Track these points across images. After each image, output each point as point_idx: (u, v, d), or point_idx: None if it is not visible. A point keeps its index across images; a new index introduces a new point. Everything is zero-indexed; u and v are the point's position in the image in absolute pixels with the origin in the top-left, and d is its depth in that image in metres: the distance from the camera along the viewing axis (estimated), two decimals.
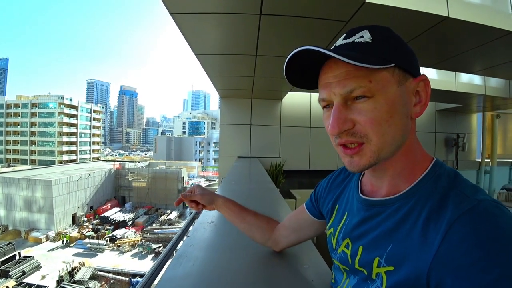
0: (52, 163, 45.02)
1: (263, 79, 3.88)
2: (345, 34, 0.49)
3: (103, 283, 18.01)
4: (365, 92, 0.43)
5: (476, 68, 3.36)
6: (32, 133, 48.33)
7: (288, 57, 0.47)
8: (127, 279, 18.00)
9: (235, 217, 0.86)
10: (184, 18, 2.05)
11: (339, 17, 1.97)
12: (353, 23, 2.00)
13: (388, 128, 0.44)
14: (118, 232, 23.82)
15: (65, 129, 48.36)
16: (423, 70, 4.32)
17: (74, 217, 26.70)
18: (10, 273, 17.37)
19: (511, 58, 2.85)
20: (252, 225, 0.84)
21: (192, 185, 0.93)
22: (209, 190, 0.89)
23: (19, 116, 48.90)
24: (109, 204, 30.16)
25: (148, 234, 24.00)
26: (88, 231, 24.65)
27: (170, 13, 1.92)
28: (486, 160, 7.19)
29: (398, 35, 0.49)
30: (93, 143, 55.61)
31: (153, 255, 20.97)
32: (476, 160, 7.14)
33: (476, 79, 4.69)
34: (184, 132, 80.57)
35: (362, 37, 0.46)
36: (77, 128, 50.88)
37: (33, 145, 48.35)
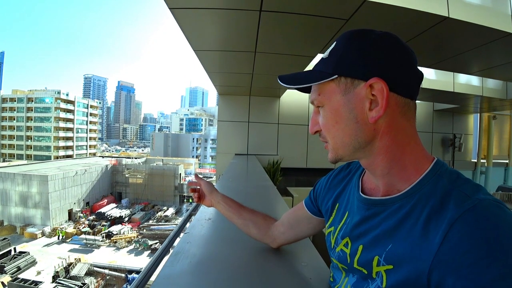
0: (48, 158, 44.73)
1: (261, 77, 3.87)
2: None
3: (99, 279, 17.97)
4: (318, 103, 0.52)
5: (474, 69, 3.37)
6: (28, 128, 47.94)
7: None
8: (123, 275, 17.98)
9: (232, 213, 0.87)
10: (183, 13, 2.04)
11: (339, 15, 1.97)
12: (353, 21, 2.00)
13: (336, 132, 0.51)
14: (115, 228, 23.77)
15: (62, 124, 48.01)
16: (421, 70, 4.34)
17: (70, 212, 26.59)
18: (5, 268, 17.27)
19: (509, 60, 2.86)
20: (248, 221, 0.85)
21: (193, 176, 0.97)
22: (213, 187, 0.93)
23: (15, 110, 48.41)
24: (106, 200, 30.06)
25: (144, 230, 23.98)
26: (84, 227, 24.56)
27: (170, 8, 1.91)
28: (482, 160, 7.26)
29: (362, 40, 0.48)
30: (90, 138, 55.33)
31: (150, 251, 20.96)
32: (472, 160, 7.20)
33: (474, 80, 4.72)
34: (181, 129, 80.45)
35: (328, 51, 0.52)
36: (73, 124, 50.54)
37: (29, 140, 47.98)
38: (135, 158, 44.61)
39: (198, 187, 0.94)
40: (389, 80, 0.46)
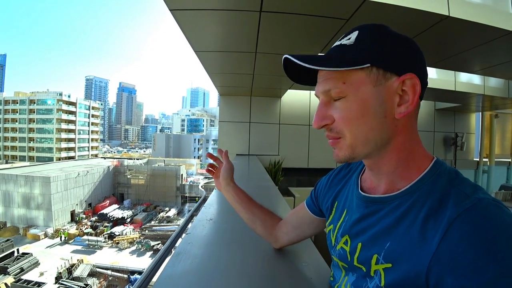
0: (50, 159, 44.94)
1: (262, 77, 3.87)
2: (343, 35, 0.51)
3: (102, 280, 18.02)
4: (339, 93, 0.47)
5: (475, 67, 3.36)
6: (30, 130, 48.16)
7: (282, 63, 0.51)
8: (125, 276, 18.02)
9: (241, 205, 0.85)
10: (183, 15, 2.04)
11: (339, 15, 1.97)
12: (354, 21, 1.99)
13: (359, 126, 0.47)
14: (117, 229, 23.83)
15: (64, 125, 48.22)
16: None
17: (72, 214, 26.68)
18: (8, 269, 17.35)
19: (511, 58, 2.85)
20: (256, 218, 0.83)
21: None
22: (231, 172, 0.89)
23: (17, 112, 48.69)
24: (108, 201, 30.14)
25: (146, 231, 24.02)
26: (87, 228, 24.64)
27: (170, 9, 1.91)
28: (484, 159, 7.22)
29: (390, 33, 0.48)
30: (92, 140, 55.53)
31: (152, 252, 20.99)
32: (474, 159, 7.16)
33: (476, 79, 4.70)
34: (183, 130, 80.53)
35: (349, 38, 0.48)
36: (75, 125, 50.75)
37: (31, 142, 48.20)
38: (137, 159, 44.73)
39: (215, 165, 0.92)
40: (421, 77, 0.47)
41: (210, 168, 0.92)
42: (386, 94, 0.46)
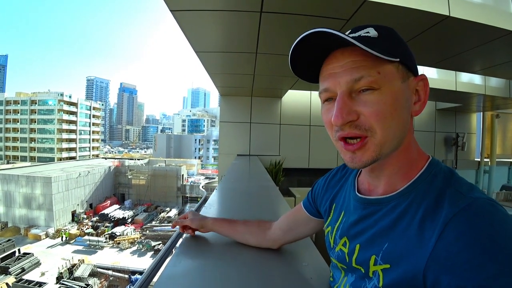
0: (51, 160, 45.03)
1: (263, 77, 3.87)
2: (349, 30, 0.49)
3: (103, 280, 18.04)
4: (372, 83, 0.43)
5: (476, 67, 3.36)
6: (32, 130, 48.27)
7: (297, 40, 0.47)
8: (126, 276, 18.04)
9: (227, 232, 0.91)
10: (184, 15, 2.05)
11: (339, 15, 1.97)
12: (354, 21, 1.99)
13: (392, 121, 0.44)
14: (118, 230, 23.85)
15: (65, 126, 48.32)
16: (424, 69, 4.32)
17: (73, 214, 26.73)
18: (9, 269, 17.40)
19: None
20: (244, 233, 0.88)
21: (187, 211, 1.02)
22: (200, 215, 0.96)
23: (18, 113, 48.81)
24: (109, 202, 30.17)
25: (147, 231, 24.04)
26: (88, 228, 24.67)
27: (171, 10, 1.92)
28: (485, 159, 7.20)
29: (400, 36, 0.49)
30: (93, 140, 55.60)
31: (152, 252, 21.01)
32: (475, 159, 7.15)
33: (476, 79, 4.69)
34: (183, 130, 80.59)
35: (368, 32, 0.46)
36: (76, 125, 50.84)
37: (33, 142, 48.31)
38: (138, 159, 44.80)
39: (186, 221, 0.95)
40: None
41: (187, 226, 0.96)
42: (409, 91, 0.47)
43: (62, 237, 23.02)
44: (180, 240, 0.96)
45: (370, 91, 0.44)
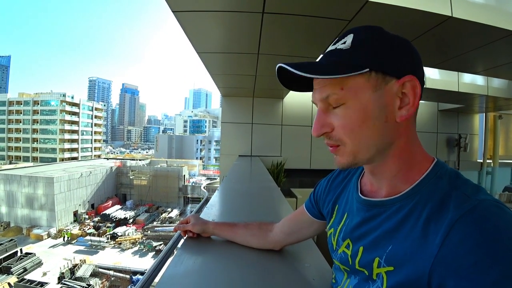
0: (53, 160, 45.23)
1: (265, 78, 3.87)
2: (336, 38, 0.50)
3: (104, 280, 18.08)
4: (338, 100, 0.46)
5: (479, 68, 3.34)
6: (34, 131, 48.50)
7: (276, 72, 0.50)
8: (127, 276, 18.06)
9: (229, 235, 0.91)
10: (186, 16, 2.05)
11: (341, 16, 1.97)
12: (356, 22, 1.99)
13: (360, 133, 0.45)
14: (119, 230, 23.91)
15: (67, 126, 48.51)
16: (426, 70, 4.30)
17: (75, 214, 26.82)
18: (12, 269, 17.47)
19: None
20: (245, 236, 0.88)
21: (188, 216, 1.01)
22: (202, 220, 0.96)
23: (21, 113, 49.05)
24: (110, 202, 30.25)
25: (149, 232, 24.07)
26: (89, 228, 24.75)
27: (173, 11, 1.92)
28: (488, 161, 7.16)
29: (386, 35, 0.46)
30: (95, 140, 55.81)
31: (154, 252, 21.03)
32: (478, 160, 7.11)
33: (479, 80, 4.67)
34: (185, 131, 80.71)
35: (344, 42, 0.47)
36: (78, 126, 51.04)
37: (35, 143, 48.54)
38: (140, 160, 44.92)
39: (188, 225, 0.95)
40: (419, 79, 0.45)
41: (188, 231, 0.95)
42: (386, 98, 0.45)
43: (64, 237, 23.09)
44: (182, 241, 0.96)
45: (339, 106, 0.46)
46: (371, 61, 0.44)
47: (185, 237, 0.95)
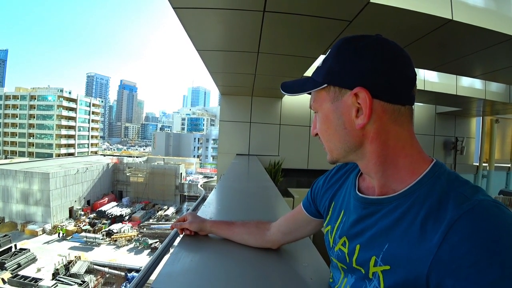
0: (50, 156, 44.93)
1: (264, 77, 3.87)
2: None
3: (99, 277, 18.01)
4: (314, 109, 0.57)
5: (477, 72, 3.36)
6: (31, 126, 48.14)
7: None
8: (122, 273, 18.02)
9: (226, 233, 0.91)
10: (186, 13, 2.04)
11: (343, 17, 1.97)
12: (357, 23, 1.99)
13: (328, 136, 0.54)
14: (115, 227, 23.83)
15: (64, 122, 48.21)
16: (425, 73, 4.33)
17: (71, 210, 26.66)
18: (5, 265, 17.35)
19: None
20: (243, 234, 0.88)
21: (185, 213, 1.01)
22: (199, 218, 0.96)
23: (17, 108, 48.66)
24: (106, 199, 30.12)
25: (144, 229, 24.01)
26: (85, 225, 24.62)
27: (173, 8, 1.91)
28: (484, 164, 7.22)
29: (351, 49, 0.49)
30: (92, 137, 55.49)
31: (149, 250, 20.99)
32: (474, 164, 7.17)
33: (477, 83, 4.70)
34: (183, 128, 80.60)
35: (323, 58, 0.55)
36: (75, 122, 50.73)
37: (31, 138, 48.18)
38: (137, 157, 44.76)
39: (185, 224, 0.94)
40: (372, 89, 0.47)
41: (185, 228, 0.95)
42: (342, 108, 0.50)
43: (59, 233, 22.95)
44: (178, 239, 0.95)
45: (316, 113, 0.57)
46: (328, 77, 0.52)
47: (181, 235, 0.95)
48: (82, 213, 27.15)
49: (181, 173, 32.53)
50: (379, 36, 0.50)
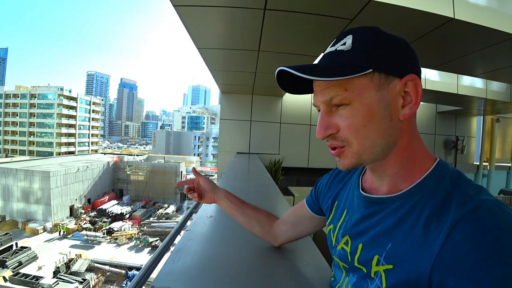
0: (50, 154, 44.97)
1: (265, 75, 3.86)
2: (334, 40, 0.50)
3: (100, 275, 18.04)
4: (342, 100, 0.46)
5: (478, 71, 3.35)
6: (31, 124, 48.14)
7: (276, 75, 0.50)
8: (123, 271, 18.06)
9: (235, 210, 0.85)
10: (187, 11, 2.03)
11: (344, 15, 1.96)
12: (358, 21, 1.99)
13: (367, 132, 0.46)
14: (115, 225, 23.86)
15: (64, 120, 48.20)
16: (426, 71, 4.31)
17: (71, 209, 26.69)
18: (7, 263, 17.38)
19: None
20: (252, 218, 0.83)
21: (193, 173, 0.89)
22: (213, 183, 0.88)
23: (18, 106, 48.65)
24: (107, 197, 30.14)
25: (145, 227, 24.04)
26: (85, 223, 24.65)
27: (173, 5, 1.91)
28: (484, 163, 7.22)
29: (386, 36, 0.47)
30: (92, 135, 55.51)
31: (150, 248, 21.03)
32: (475, 163, 7.17)
33: (478, 82, 4.69)
34: (183, 127, 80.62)
35: (344, 43, 0.47)
36: (76, 120, 50.72)
37: (32, 136, 48.20)
38: (137, 155, 44.74)
39: (193, 185, 0.87)
40: (420, 78, 0.47)
41: (191, 192, 0.86)
42: (389, 97, 0.45)
43: (59, 231, 22.99)
44: (179, 237, 0.95)
45: (343, 106, 0.46)
46: (373, 61, 0.44)
47: (188, 194, 0.85)
48: (83, 211, 27.18)
49: (181, 172, 32.52)
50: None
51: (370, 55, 0.45)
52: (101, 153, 47.38)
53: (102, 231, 23.12)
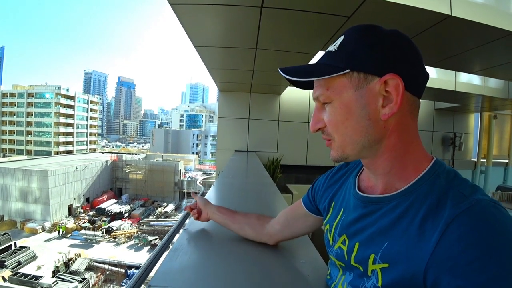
0: (48, 153, 44.80)
1: (262, 73, 3.86)
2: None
3: (99, 274, 18.08)
4: (325, 99, 0.49)
5: (476, 68, 3.36)
6: (28, 123, 47.92)
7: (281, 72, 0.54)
8: (122, 270, 18.10)
9: (227, 220, 0.91)
10: (184, 9, 2.02)
11: (341, 12, 1.96)
12: (355, 18, 1.98)
13: (345, 130, 0.48)
14: (114, 224, 23.87)
15: (62, 119, 47.99)
16: None
17: (70, 208, 26.66)
18: (5, 263, 17.38)
19: (511, 59, 2.85)
20: (243, 224, 0.88)
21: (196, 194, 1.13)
22: (205, 202, 1.01)
23: (15, 105, 48.37)
24: (106, 196, 30.13)
25: (144, 226, 24.08)
26: (84, 222, 24.64)
27: (170, 4, 1.89)
28: (482, 160, 7.26)
29: (373, 35, 0.47)
30: (90, 134, 55.34)
31: (149, 247, 21.06)
32: (472, 159, 7.20)
33: (475, 79, 4.71)
34: (181, 125, 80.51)
35: (335, 44, 0.50)
36: (74, 119, 50.52)
37: (29, 136, 47.99)
38: (135, 154, 44.73)
39: (194, 203, 1.01)
40: (403, 77, 0.45)
41: (192, 209, 1.01)
42: (368, 96, 0.46)
43: (58, 231, 22.98)
44: (177, 236, 0.96)
45: (327, 104, 0.50)
46: (352, 62, 0.46)
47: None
48: (82, 210, 27.17)
49: (180, 170, 32.53)
50: (395, 29, 0.49)
51: (351, 55, 0.46)
52: (100, 152, 47.33)
53: (101, 230, 23.13)
